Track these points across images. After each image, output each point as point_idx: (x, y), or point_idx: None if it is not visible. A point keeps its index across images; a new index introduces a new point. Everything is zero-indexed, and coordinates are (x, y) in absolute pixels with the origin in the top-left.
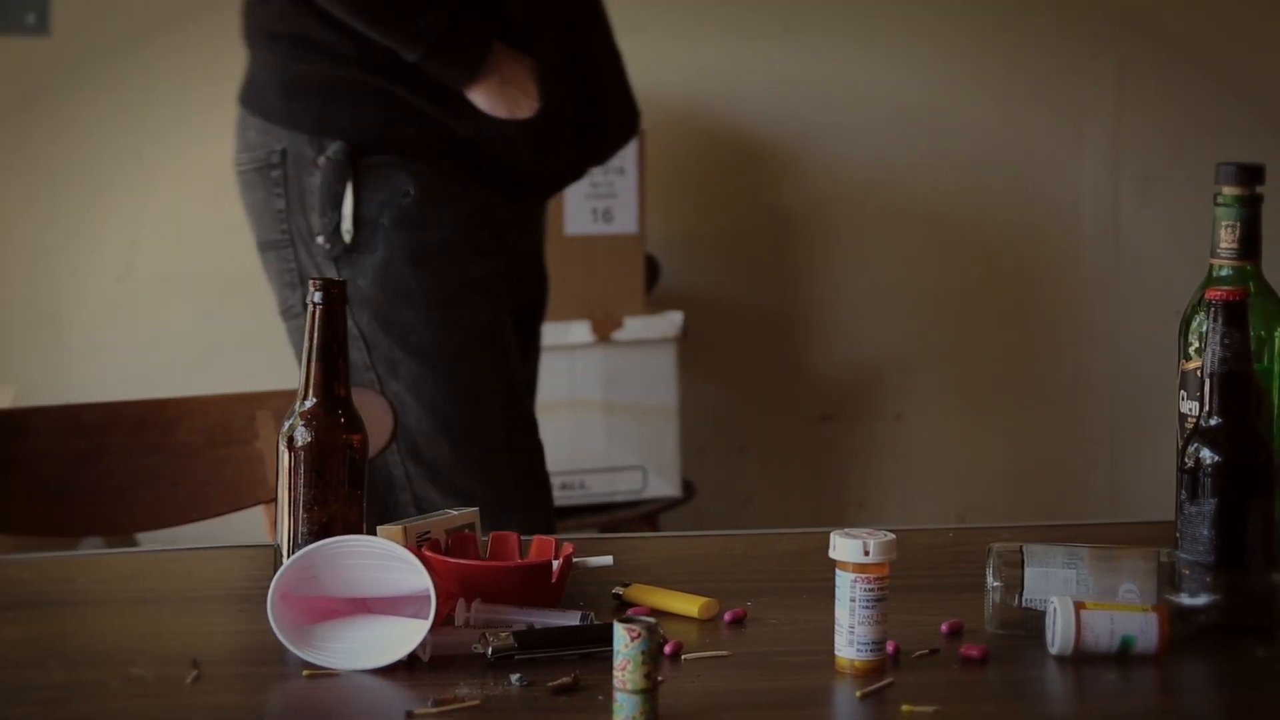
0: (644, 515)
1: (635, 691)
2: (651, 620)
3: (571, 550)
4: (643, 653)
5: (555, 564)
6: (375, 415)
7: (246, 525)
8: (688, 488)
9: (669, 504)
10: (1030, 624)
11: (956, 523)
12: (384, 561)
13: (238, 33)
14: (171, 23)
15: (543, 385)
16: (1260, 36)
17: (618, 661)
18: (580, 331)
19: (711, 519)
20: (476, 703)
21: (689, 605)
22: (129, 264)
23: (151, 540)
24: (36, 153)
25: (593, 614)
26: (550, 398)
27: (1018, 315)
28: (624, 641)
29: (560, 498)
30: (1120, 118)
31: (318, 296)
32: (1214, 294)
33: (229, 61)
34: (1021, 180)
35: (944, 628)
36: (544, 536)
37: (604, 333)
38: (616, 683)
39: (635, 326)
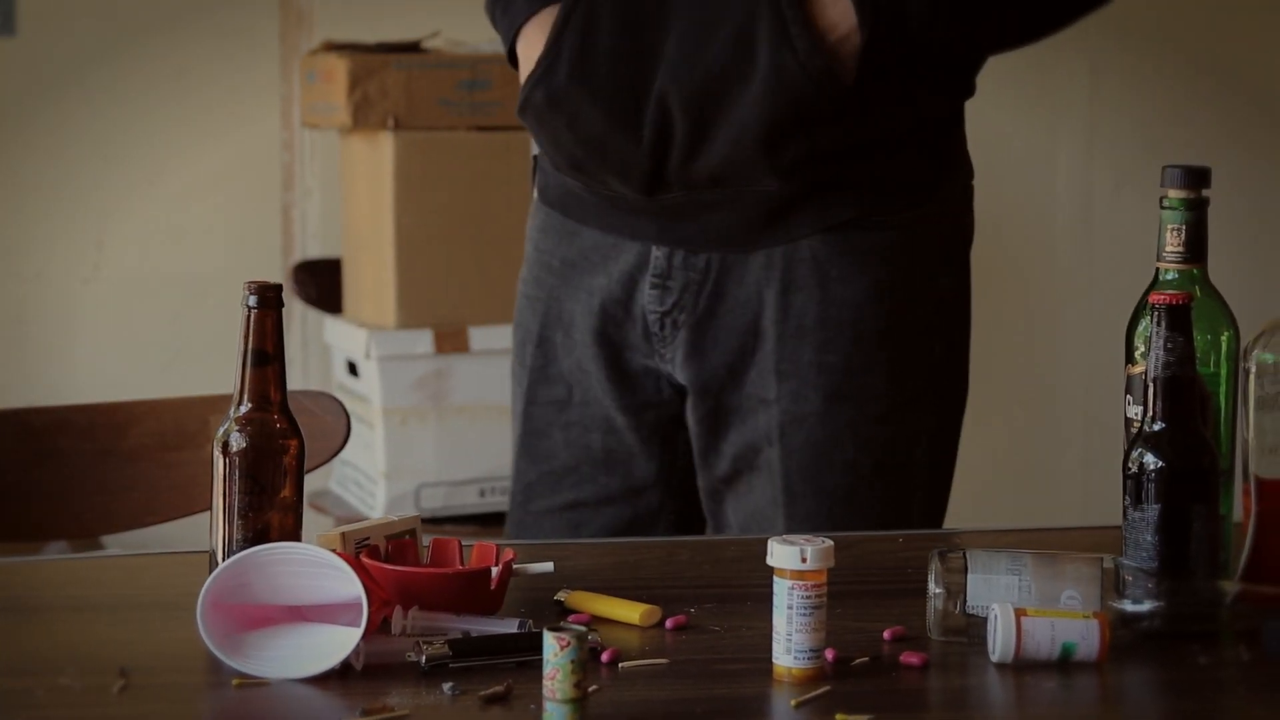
0: None
1: (565, 701)
2: (582, 629)
3: (512, 557)
4: (572, 661)
5: (494, 570)
6: (329, 418)
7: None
8: None
9: None
10: (973, 631)
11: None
12: (316, 569)
13: (206, 35)
14: (139, 24)
15: (495, 389)
16: (1233, 37)
17: (547, 670)
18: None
19: None
20: (406, 713)
21: (630, 612)
22: (95, 265)
23: (117, 543)
24: (1, 153)
25: (531, 621)
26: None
27: (991, 316)
28: (553, 650)
29: None
30: (1093, 118)
31: (252, 300)
32: (1157, 298)
33: (197, 64)
34: (995, 181)
35: (886, 635)
36: (485, 543)
37: None
38: (546, 692)
39: None
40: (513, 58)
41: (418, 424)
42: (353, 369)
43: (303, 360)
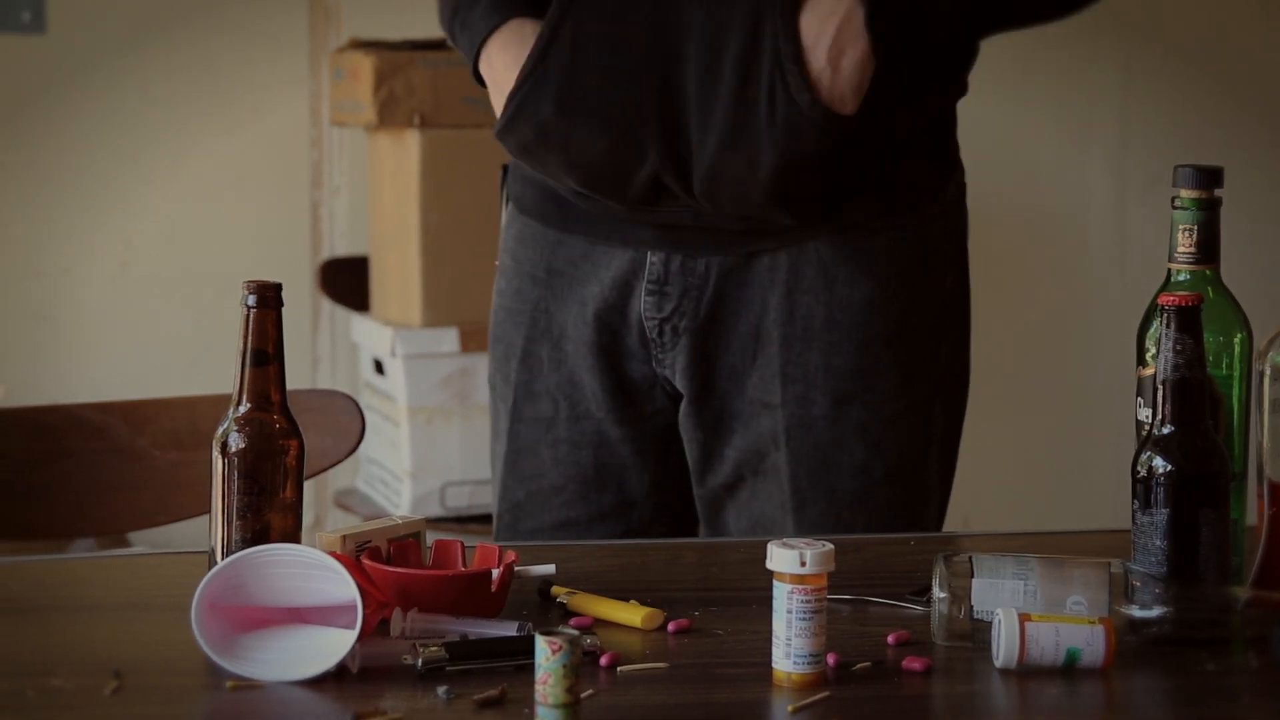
0: None
1: (556, 705)
2: (575, 633)
3: (513, 559)
4: (564, 666)
5: (495, 573)
6: (343, 418)
7: None
8: None
9: None
10: (979, 636)
11: (962, 526)
12: (311, 570)
13: (235, 32)
14: (168, 22)
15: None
16: (1266, 38)
17: (539, 675)
18: None
19: None
20: (399, 716)
21: (632, 615)
22: (122, 263)
23: (144, 541)
24: (30, 151)
25: (530, 625)
26: None
27: (1023, 317)
28: (545, 655)
29: None
30: (1126, 119)
31: (251, 299)
32: (1167, 300)
33: (226, 61)
34: (1027, 182)
35: (890, 639)
36: (487, 545)
37: None
38: (538, 696)
39: None
40: (478, 74)
41: (443, 422)
42: (379, 367)
43: (331, 358)
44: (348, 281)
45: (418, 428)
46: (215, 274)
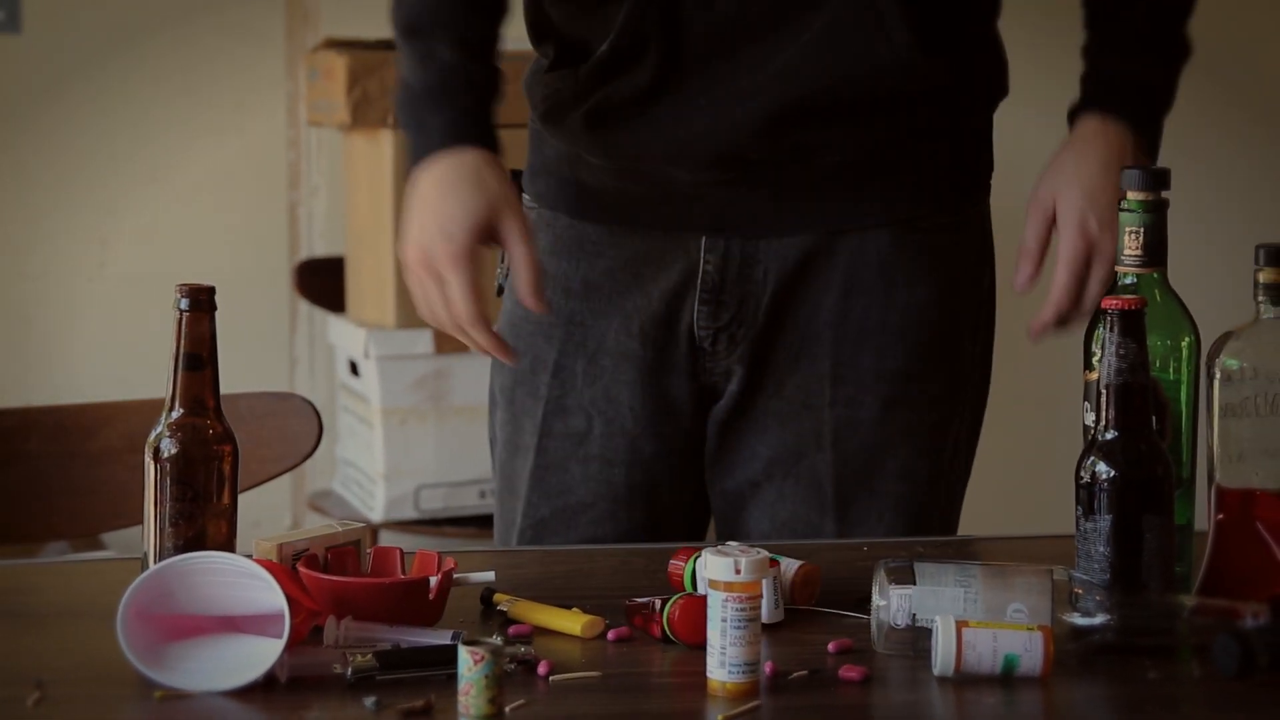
0: None
1: (479, 717)
2: (497, 643)
3: (452, 566)
4: (486, 677)
5: (433, 580)
6: (300, 421)
7: None
8: None
9: None
10: (919, 644)
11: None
12: (240, 579)
13: (212, 33)
14: (146, 22)
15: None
16: (1259, 37)
17: (461, 685)
18: None
19: None
20: None
21: (572, 623)
22: (100, 264)
23: (118, 543)
24: (6, 150)
25: (465, 633)
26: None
27: (1010, 319)
28: (467, 665)
29: None
30: None
31: (184, 303)
32: (1110, 303)
33: (203, 62)
34: (1013, 182)
35: (831, 647)
36: (427, 551)
37: None
38: (460, 708)
39: None
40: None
41: (417, 424)
42: (354, 369)
43: (309, 359)
44: (324, 282)
45: (391, 429)
46: (193, 275)
